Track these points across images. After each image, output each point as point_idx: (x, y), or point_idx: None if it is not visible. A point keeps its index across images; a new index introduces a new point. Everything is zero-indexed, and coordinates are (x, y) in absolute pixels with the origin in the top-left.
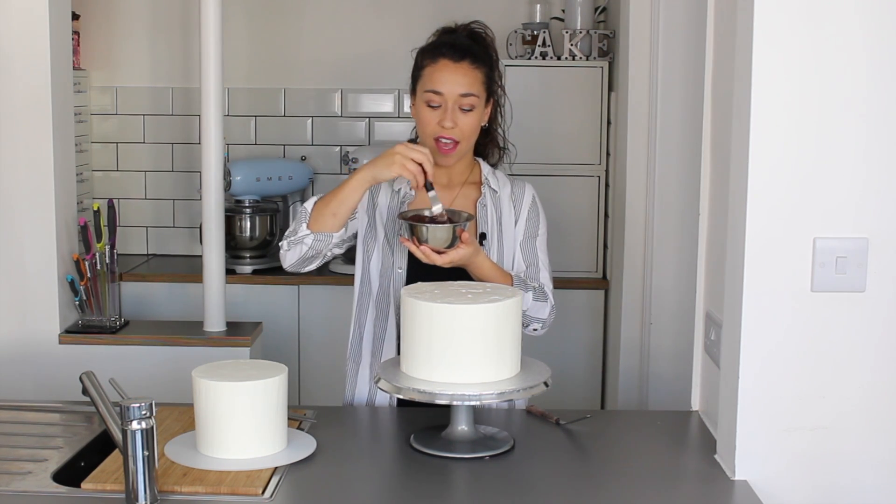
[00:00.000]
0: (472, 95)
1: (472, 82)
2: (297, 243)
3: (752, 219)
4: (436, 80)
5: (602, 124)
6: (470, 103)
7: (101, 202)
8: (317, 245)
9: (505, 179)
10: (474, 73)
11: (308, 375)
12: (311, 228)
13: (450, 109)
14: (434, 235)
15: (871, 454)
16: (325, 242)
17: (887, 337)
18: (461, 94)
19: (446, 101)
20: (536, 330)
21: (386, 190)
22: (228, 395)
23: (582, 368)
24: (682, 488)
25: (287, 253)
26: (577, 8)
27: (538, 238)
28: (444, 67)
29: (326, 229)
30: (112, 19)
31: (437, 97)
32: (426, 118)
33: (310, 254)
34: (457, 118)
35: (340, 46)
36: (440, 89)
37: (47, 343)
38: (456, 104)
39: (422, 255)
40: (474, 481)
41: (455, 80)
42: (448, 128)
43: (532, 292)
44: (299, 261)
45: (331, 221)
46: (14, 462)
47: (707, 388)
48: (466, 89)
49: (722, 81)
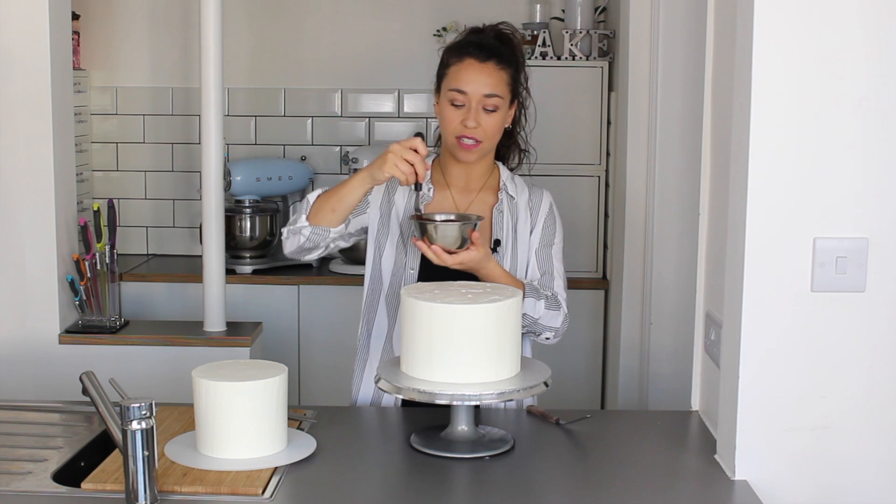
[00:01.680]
0: (496, 96)
1: (497, 83)
2: (296, 233)
3: (751, 219)
4: (461, 79)
5: (602, 124)
6: (494, 104)
7: (101, 202)
8: (314, 238)
9: (523, 185)
10: (499, 73)
11: (308, 375)
12: (309, 221)
13: (473, 109)
14: (444, 234)
15: (871, 454)
16: (322, 236)
17: (887, 337)
18: (485, 95)
19: (470, 100)
20: (549, 339)
21: (403, 189)
22: (228, 395)
23: (582, 368)
24: (682, 488)
25: (286, 241)
26: (577, 8)
27: (554, 247)
28: (470, 67)
29: (324, 223)
30: (112, 19)
31: (461, 96)
32: (449, 116)
33: (307, 245)
34: (480, 118)
35: (340, 46)
36: (465, 88)
37: (47, 343)
38: (480, 104)
39: (432, 255)
40: (474, 481)
41: (480, 80)
42: (471, 127)
43: (545, 300)
44: (297, 250)
45: (329, 216)
46: (14, 462)
47: (707, 388)
48: (491, 90)
49: (722, 81)
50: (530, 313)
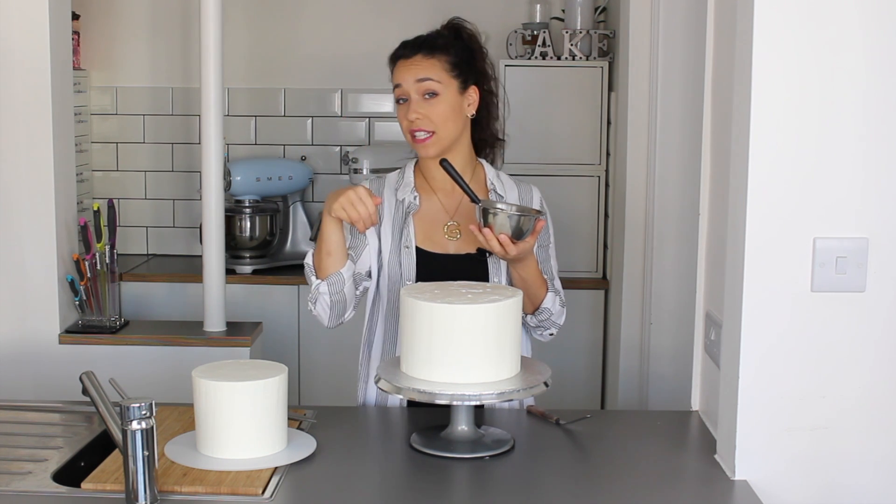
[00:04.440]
0: (428, 80)
1: (428, 68)
2: (317, 297)
3: (751, 219)
4: (396, 76)
5: (602, 124)
6: (428, 88)
7: (101, 202)
8: (332, 289)
9: (511, 183)
10: (429, 60)
11: (308, 375)
12: (319, 277)
13: (413, 101)
14: (503, 224)
15: (871, 454)
16: (339, 284)
17: (887, 337)
18: (417, 80)
19: (408, 92)
20: (553, 335)
21: (389, 201)
22: (228, 395)
23: (582, 368)
24: (682, 488)
25: (319, 315)
26: (577, 8)
27: (550, 246)
28: (401, 62)
29: (332, 270)
30: (112, 19)
31: (399, 90)
32: (399, 116)
33: (333, 299)
34: (420, 107)
35: (340, 46)
36: (399, 82)
37: (47, 343)
38: (418, 94)
39: (496, 245)
40: (474, 481)
41: (409, 71)
42: (414, 119)
43: (558, 297)
44: (332, 314)
45: (328, 262)
46: (14, 462)
47: (707, 388)
48: (422, 74)
49: (722, 81)
50: (550, 307)
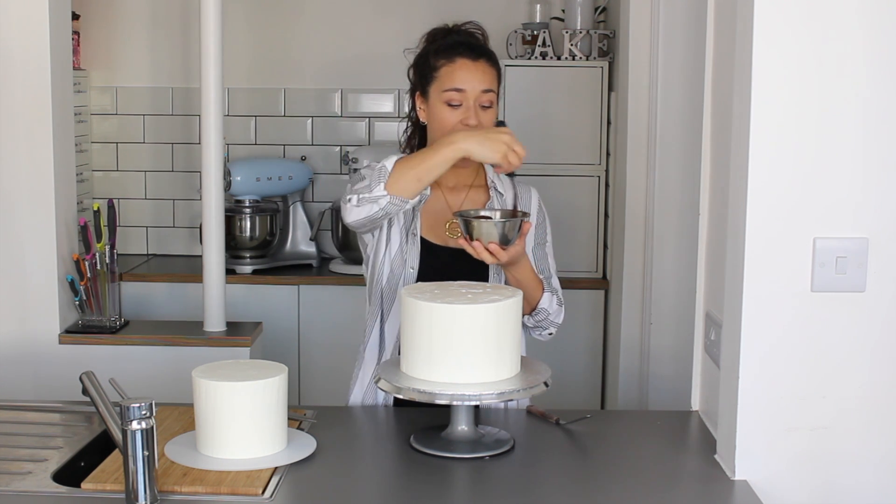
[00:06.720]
0: (491, 91)
1: (491, 79)
2: (370, 202)
3: (751, 219)
4: (457, 78)
5: (602, 124)
6: (489, 99)
7: (101, 202)
8: (390, 208)
9: (509, 183)
10: (491, 70)
11: (308, 375)
12: (388, 190)
13: (472, 107)
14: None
15: (871, 454)
16: (399, 207)
17: (887, 337)
18: (483, 91)
19: (468, 98)
20: (552, 334)
21: None
22: (228, 395)
23: (582, 368)
24: (682, 488)
25: (355, 209)
26: (577, 8)
27: (547, 245)
28: (464, 66)
29: (405, 194)
30: (112, 19)
31: (459, 95)
32: (447, 118)
33: (379, 215)
34: (479, 115)
35: (340, 46)
36: (463, 86)
37: (47, 343)
38: (477, 101)
39: (487, 255)
40: (474, 481)
41: (476, 77)
42: (473, 126)
43: (556, 297)
44: (366, 220)
45: (413, 186)
46: (14, 462)
47: (707, 388)
48: (487, 85)
49: (722, 81)
50: (546, 307)
